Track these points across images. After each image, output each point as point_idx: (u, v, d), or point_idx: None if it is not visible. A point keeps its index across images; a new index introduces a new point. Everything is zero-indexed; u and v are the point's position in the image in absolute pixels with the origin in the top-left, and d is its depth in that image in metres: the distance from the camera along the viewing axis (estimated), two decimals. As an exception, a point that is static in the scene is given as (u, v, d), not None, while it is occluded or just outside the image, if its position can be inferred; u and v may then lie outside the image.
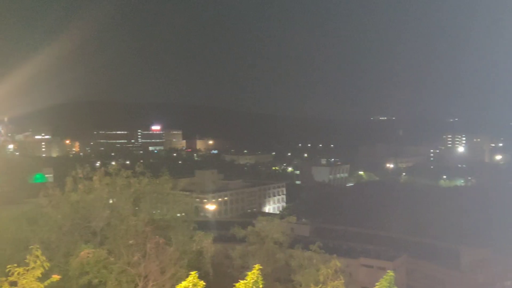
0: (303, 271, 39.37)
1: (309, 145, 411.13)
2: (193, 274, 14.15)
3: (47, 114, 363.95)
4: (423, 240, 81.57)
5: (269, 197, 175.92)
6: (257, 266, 14.58)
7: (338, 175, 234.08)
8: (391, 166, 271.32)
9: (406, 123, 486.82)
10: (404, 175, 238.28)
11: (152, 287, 28.91)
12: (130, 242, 31.44)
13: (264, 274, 15.43)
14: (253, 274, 14.36)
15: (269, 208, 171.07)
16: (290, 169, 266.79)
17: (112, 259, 30.02)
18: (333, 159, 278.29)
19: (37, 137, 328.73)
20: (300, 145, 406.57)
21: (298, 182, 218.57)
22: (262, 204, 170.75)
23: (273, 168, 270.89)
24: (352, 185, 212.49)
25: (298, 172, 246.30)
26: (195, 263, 34.21)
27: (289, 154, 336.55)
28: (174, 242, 33.19)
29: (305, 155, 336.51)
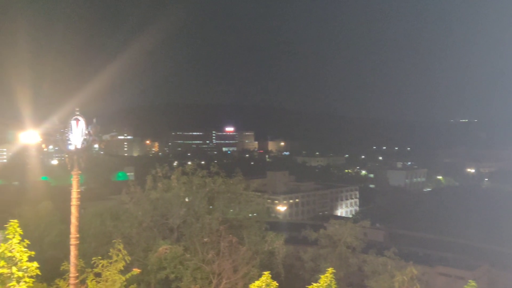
0: (377, 277, 38.35)
1: (384, 147, 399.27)
2: (266, 274, 14.27)
3: (129, 116, 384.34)
4: (506, 250, 76.25)
5: (341, 200, 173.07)
6: (330, 270, 14.43)
7: (414, 180, 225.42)
8: (472, 171, 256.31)
9: (489, 125, 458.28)
10: (487, 180, 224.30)
11: (225, 285, 29.50)
12: (205, 240, 32.33)
13: (336, 278, 15.23)
14: (326, 277, 14.22)
15: (341, 211, 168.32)
16: (363, 172, 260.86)
17: (188, 255, 31.01)
18: (409, 163, 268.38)
19: (119, 137, 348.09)
20: (374, 147, 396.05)
21: (372, 185, 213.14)
22: (333, 207, 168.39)
23: (346, 170, 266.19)
24: (429, 190, 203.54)
25: (372, 175, 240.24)
26: (267, 264, 34.45)
27: (363, 156, 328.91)
28: (247, 241, 33.66)
29: (380, 158, 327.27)
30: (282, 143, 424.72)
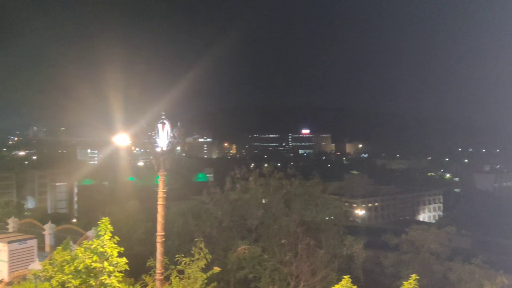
0: (463, 286, 36.33)
1: (470, 149, 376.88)
2: (346, 279, 14.03)
3: (209, 119, 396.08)
4: None
5: (424, 204, 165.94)
6: (413, 276, 13.88)
7: (504, 184, 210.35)
8: None
9: None
10: None
11: (303, 287, 29.44)
12: (283, 241, 32.46)
13: (419, 286, 14.62)
14: (410, 284, 13.70)
15: (423, 216, 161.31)
16: (448, 175, 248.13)
17: (266, 256, 31.33)
18: (498, 166, 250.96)
19: (200, 140, 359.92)
20: (460, 149, 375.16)
21: (457, 190, 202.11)
22: (415, 211, 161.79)
23: (429, 174, 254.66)
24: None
25: (457, 179, 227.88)
26: (346, 268, 33.88)
27: (447, 159, 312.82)
28: (325, 244, 33.33)
29: (466, 160, 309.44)
30: (360, 145, 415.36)
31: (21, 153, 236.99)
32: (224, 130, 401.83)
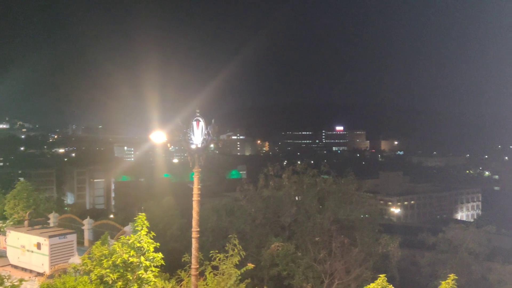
0: (503, 287, 35.23)
1: (511, 147, 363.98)
2: (382, 277, 13.84)
3: (242, 116, 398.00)
4: None
5: (461, 203, 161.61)
6: (451, 276, 13.56)
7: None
8: None
9: None
10: None
11: (337, 286, 29.21)
12: (316, 239, 32.31)
13: (457, 286, 14.27)
14: (448, 284, 13.40)
15: (461, 215, 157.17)
16: (487, 173, 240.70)
17: (299, 254, 31.25)
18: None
19: (233, 137, 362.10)
20: (499, 146, 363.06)
21: (496, 188, 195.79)
22: (453, 210, 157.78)
23: (467, 171, 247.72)
24: None
25: (497, 176, 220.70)
26: (380, 267, 33.40)
27: (486, 156, 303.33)
28: (359, 243, 32.95)
29: (506, 158, 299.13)
30: (396, 142, 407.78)
31: (61, 150, 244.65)
32: (257, 127, 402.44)
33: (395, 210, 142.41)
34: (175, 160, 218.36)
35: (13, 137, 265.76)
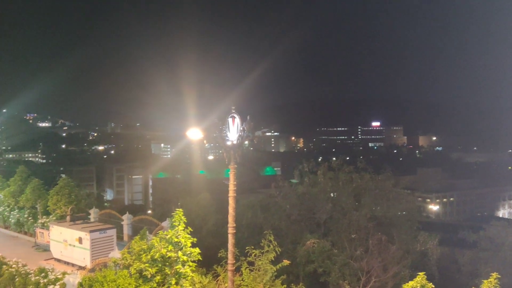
0: (549, 288, 33.85)
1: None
2: (421, 275, 13.58)
3: (276, 113, 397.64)
4: None
5: (504, 200, 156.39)
6: (494, 275, 13.16)
7: None
8: None
9: None
10: None
11: (374, 284, 28.81)
12: (353, 236, 31.97)
13: (500, 285, 13.83)
14: (490, 283, 13.01)
15: (503, 212, 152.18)
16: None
17: (335, 251, 31.01)
18: None
19: (267, 133, 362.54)
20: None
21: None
22: (494, 207, 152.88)
23: (510, 168, 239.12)
24: None
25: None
26: (419, 265, 32.77)
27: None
28: (397, 240, 32.42)
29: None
30: (434, 138, 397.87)
31: (101, 147, 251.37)
32: (292, 123, 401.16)
33: (434, 207, 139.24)
34: (210, 157, 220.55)
35: (55, 135, 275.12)
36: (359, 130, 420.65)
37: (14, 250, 30.99)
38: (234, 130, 13.76)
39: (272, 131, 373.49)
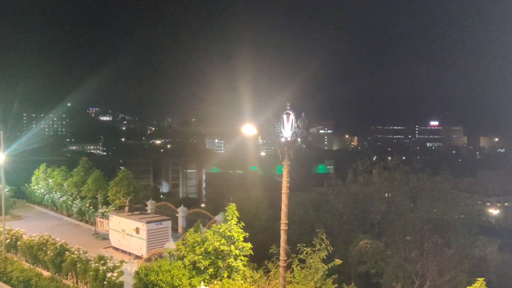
0: None
1: None
2: (481, 281, 13.05)
3: (330, 110, 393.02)
4: None
5: None
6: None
7: None
8: None
9: None
10: None
11: (429, 287, 27.99)
12: (407, 238, 31.19)
13: None
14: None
15: None
16: None
17: (389, 252, 30.39)
18: None
19: (321, 131, 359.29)
20: None
21: None
22: None
23: None
24: None
25: None
26: (477, 270, 31.45)
27: None
28: (454, 244, 31.31)
29: None
30: (496, 139, 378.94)
31: (158, 142, 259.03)
32: (346, 121, 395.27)
33: (494, 212, 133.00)
34: (263, 153, 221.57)
35: (115, 129, 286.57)
36: (417, 129, 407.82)
37: (76, 237, 32.52)
38: (288, 126, 13.77)
39: (326, 129, 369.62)
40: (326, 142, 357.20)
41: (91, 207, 38.20)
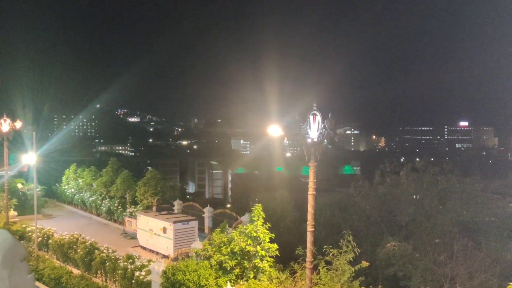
0: None
1: None
2: (512, 286, 12.75)
3: (357, 110, 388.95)
4: None
5: None
6: None
7: None
8: None
9: None
10: None
11: (459, 291, 27.40)
12: (436, 240, 30.61)
13: None
14: None
15: None
16: None
17: (417, 255, 29.89)
18: None
19: (347, 132, 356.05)
20: None
21: None
22: None
23: None
24: None
25: None
26: (509, 274, 30.61)
27: None
28: (485, 247, 30.55)
29: None
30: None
31: (184, 142, 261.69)
32: (373, 121, 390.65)
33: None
34: (288, 154, 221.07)
35: (143, 130, 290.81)
36: (446, 130, 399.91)
37: (105, 236, 33.16)
38: (315, 127, 13.72)
39: (352, 129, 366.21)
40: (352, 143, 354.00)
41: (119, 207, 38.85)
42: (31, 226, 31.47)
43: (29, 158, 32.04)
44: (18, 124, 33.39)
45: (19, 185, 42.68)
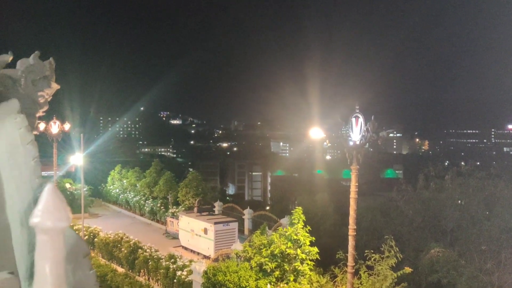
0: None
1: None
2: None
3: (401, 112, 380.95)
4: None
5: None
6: None
7: None
8: None
9: None
10: None
11: (508, 301, 26.33)
12: (483, 247, 29.57)
13: None
14: None
15: None
16: None
17: (462, 262, 28.96)
18: None
19: (390, 134, 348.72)
20: None
21: None
22: None
23: None
24: None
25: None
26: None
27: None
28: (535, 256, 29.25)
29: None
30: None
31: (224, 144, 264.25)
32: (416, 124, 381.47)
33: None
34: (328, 157, 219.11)
35: (185, 132, 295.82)
36: (493, 133, 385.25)
37: (148, 236, 33.94)
38: (357, 130, 13.59)
39: (395, 132, 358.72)
40: (395, 146, 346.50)
41: (162, 207, 39.65)
42: (78, 225, 32.60)
43: (77, 159, 33.28)
44: (67, 126, 34.69)
45: (67, 185, 44.34)
